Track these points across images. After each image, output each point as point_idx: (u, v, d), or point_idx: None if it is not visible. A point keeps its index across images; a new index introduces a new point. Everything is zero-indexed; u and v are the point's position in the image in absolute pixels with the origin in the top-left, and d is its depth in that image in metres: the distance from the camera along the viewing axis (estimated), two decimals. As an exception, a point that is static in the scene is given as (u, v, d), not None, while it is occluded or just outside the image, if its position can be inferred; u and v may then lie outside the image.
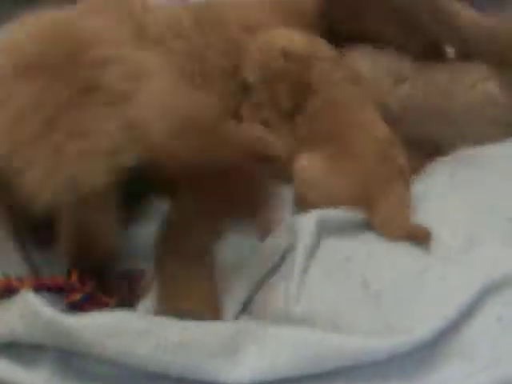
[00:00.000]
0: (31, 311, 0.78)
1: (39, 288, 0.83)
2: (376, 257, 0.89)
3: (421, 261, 0.87)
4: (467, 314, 0.77)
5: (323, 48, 1.09)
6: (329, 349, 0.74)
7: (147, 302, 0.86)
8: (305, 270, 0.87)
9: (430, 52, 1.10)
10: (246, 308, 0.86)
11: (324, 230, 0.91)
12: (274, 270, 0.89)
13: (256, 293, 0.87)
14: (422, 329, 0.75)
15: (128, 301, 0.86)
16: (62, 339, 0.76)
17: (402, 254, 0.88)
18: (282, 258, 0.90)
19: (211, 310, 0.84)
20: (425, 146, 1.04)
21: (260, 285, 0.88)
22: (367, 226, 0.94)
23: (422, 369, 0.74)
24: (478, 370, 0.73)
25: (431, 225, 0.90)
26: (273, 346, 0.75)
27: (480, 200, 0.93)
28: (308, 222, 0.91)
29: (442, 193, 0.97)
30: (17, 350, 0.79)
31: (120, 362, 0.75)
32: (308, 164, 0.98)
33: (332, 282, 0.86)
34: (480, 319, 0.77)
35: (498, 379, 0.71)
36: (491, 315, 0.77)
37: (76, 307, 0.82)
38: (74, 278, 0.83)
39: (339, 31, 1.11)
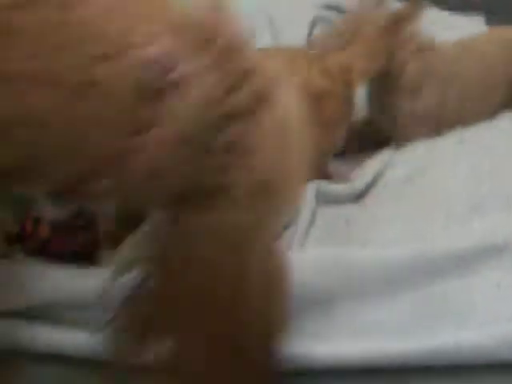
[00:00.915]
0: None
1: None
2: (376, 219, 0.90)
3: (422, 228, 0.87)
4: (466, 279, 0.76)
5: None
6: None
7: None
8: (305, 236, 0.88)
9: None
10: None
11: (321, 201, 0.93)
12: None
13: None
14: None
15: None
16: None
17: (403, 219, 0.89)
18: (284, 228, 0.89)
19: None
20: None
21: None
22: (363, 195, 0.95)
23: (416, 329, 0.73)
24: (473, 327, 0.72)
25: (435, 191, 0.91)
26: None
27: (485, 166, 0.93)
28: (307, 193, 0.92)
29: (449, 159, 0.97)
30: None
31: None
32: None
33: (332, 244, 0.86)
34: (478, 285, 0.75)
35: (490, 335, 0.71)
36: (490, 281, 0.76)
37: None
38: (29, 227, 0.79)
39: None
